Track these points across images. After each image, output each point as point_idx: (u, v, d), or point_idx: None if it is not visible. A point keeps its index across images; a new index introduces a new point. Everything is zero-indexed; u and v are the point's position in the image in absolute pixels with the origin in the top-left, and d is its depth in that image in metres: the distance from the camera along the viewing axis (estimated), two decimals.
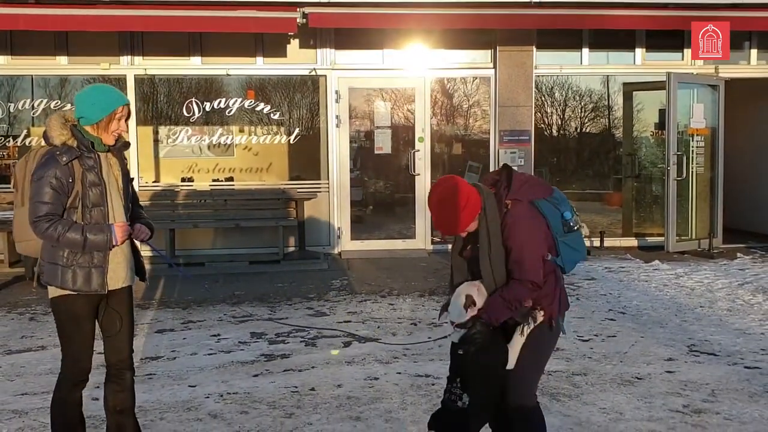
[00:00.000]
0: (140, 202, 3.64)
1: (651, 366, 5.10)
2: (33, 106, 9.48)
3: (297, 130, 9.87)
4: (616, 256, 9.38)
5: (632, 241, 10.18)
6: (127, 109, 3.29)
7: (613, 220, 10.76)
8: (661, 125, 10.40)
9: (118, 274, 3.31)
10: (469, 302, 2.98)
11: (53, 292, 3.28)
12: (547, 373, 4.91)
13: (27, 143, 9.51)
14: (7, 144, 9.68)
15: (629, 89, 10.57)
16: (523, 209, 2.97)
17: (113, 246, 3.22)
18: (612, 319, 6.39)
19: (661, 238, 9.60)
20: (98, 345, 3.41)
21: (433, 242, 9.80)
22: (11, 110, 9.51)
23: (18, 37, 9.20)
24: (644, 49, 10.00)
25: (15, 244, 3.48)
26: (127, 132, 3.39)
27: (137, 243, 3.48)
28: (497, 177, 3.09)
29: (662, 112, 10.13)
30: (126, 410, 3.45)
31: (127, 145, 3.41)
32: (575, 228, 3.07)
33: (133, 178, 3.57)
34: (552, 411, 4.29)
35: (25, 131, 9.53)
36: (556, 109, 10.91)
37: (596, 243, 9.88)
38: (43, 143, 3.32)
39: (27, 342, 5.85)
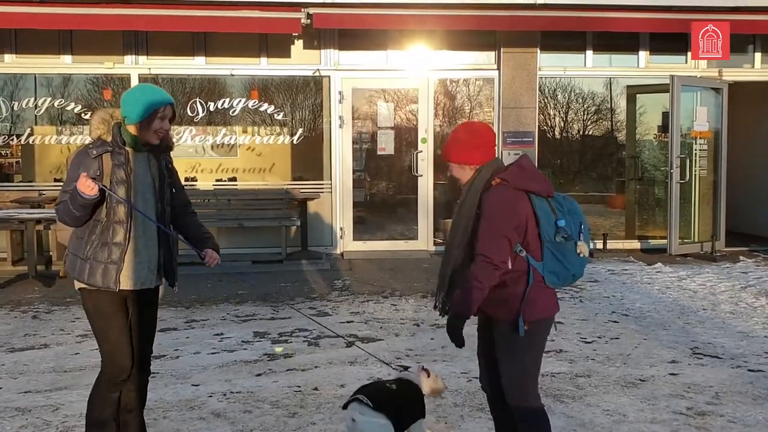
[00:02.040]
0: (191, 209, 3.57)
1: (654, 368, 5.09)
2: (36, 105, 9.49)
3: (300, 131, 9.88)
4: (619, 258, 9.38)
5: (635, 244, 10.17)
6: (170, 109, 3.24)
7: (615, 223, 10.76)
8: (664, 128, 10.39)
9: (136, 274, 3.26)
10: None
11: (76, 284, 3.29)
12: (550, 375, 4.92)
13: (30, 142, 9.52)
14: (10, 143, 9.69)
15: (633, 92, 10.57)
16: (504, 191, 2.95)
17: (83, 197, 3.05)
18: (615, 321, 6.39)
19: (664, 241, 9.60)
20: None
21: (435, 243, 9.80)
22: (15, 109, 9.51)
23: (22, 35, 9.21)
24: (648, 52, 10.00)
25: (57, 233, 3.52)
26: (169, 132, 3.33)
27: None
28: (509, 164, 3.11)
29: (665, 115, 10.11)
30: (134, 410, 3.45)
31: (168, 148, 3.37)
32: (569, 239, 2.97)
33: (174, 183, 3.46)
34: (555, 412, 4.28)
35: (28, 130, 9.53)
36: (559, 111, 10.92)
37: (599, 245, 9.87)
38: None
39: (30, 340, 5.85)
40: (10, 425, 4.11)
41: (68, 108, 9.50)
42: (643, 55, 10.02)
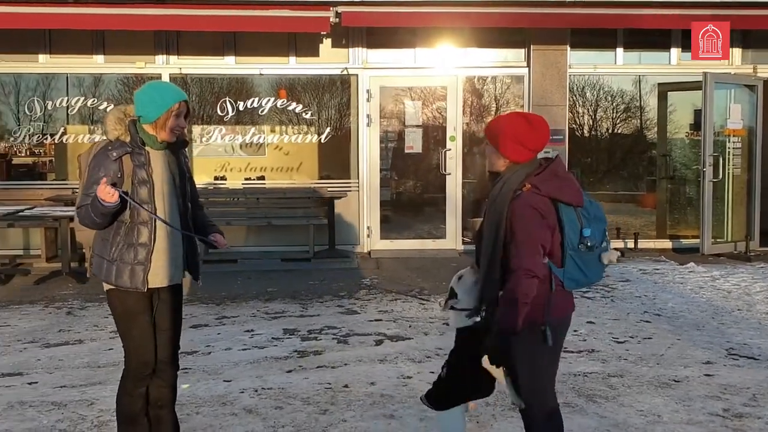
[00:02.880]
0: (199, 203, 3.59)
1: (689, 369, 5.02)
2: (70, 104, 9.63)
3: (327, 130, 9.90)
4: (651, 257, 9.25)
5: (666, 243, 10.02)
6: (184, 106, 3.22)
7: (646, 222, 10.62)
8: (696, 126, 10.24)
9: (162, 273, 3.28)
10: (450, 294, 3.11)
11: (106, 286, 3.31)
12: (582, 374, 4.88)
13: (64, 141, 9.67)
14: (44, 141, 9.85)
15: (664, 89, 10.42)
16: (534, 199, 2.84)
17: (103, 205, 3.05)
18: (647, 321, 6.31)
19: (696, 240, 9.45)
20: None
21: (463, 242, 9.76)
22: (48, 108, 9.67)
23: (56, 35, 9.35)
24: (680, 49, 9.84)
25: (76, 233, 3.54)
26: (185, 129, 3.34)
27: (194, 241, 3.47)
28: (543, 163, 2.98)
29: (698, 113, 9.96)
30: (166, 405, 3.48)
31: (184, 143, 3.39)
32: (593, 249, 2.89)
33: (190, 178, 3.49)
34: (588, 412, 4.25)
35: (61, 129, 9.69)
36: (588, 109, 10.82)
37: (630, 245, 9.75)
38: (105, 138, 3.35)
39: (64, 336, 5.94)
40: (47, 419, 4.18)
41: (100, 107, 9.63)
42: (675, 52, 9.86)
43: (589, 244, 2.86)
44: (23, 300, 7.20)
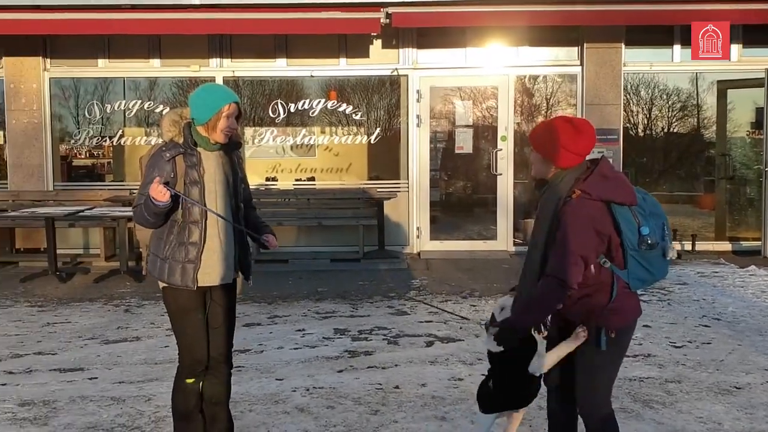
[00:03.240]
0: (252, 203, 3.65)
1: (750, 375, 4.85)
2: (128, 107, 9.89)
3: (377, 130, 9.92)
4: (709, 260, 8.98)
5: (726, 245, 9.71)
6: (235, 107, 3.28)
7: (704, 224, 10.31)
8: (757, 124, 9.89)
9: (214, 271, 3.33)
10: (492, 321, 3.04)
11: (160, 284, 3.40)
12: (638, 379, 4.77)
13: (122, 143, 9.94)
14: (102, 144, 10.14)
15: (723, 87, 10.09)
16: (583, 207, 2.75)
17: (156, 205, 3.13)
18: (706, 326, 6.12)
19: (758, 243, 9.15)
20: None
21: (515, 243, 9.65)
22: (107, 111, 9.95)
23: (114, 40, 9.63)
24: (741, 45, 9.53)
25: (136, 232, 3.65)
26: (238, 130, 3.41)
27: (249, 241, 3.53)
28: (590, 165, 2.90)
29: (759, 111, 9.62)
30: (220, 402, 3.54)
31: (238, 144, 3.45)
32: (654, 246, 2.79)
33: (243, 178, 3.54)
34: (645, 418, 4.14)
35: (119, 132, 9.95)
36: (642, 108, 10.55)
37: (687, 247, 9.48)
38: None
39: (123, 333, 6.10)
40: (107, 413, 4.30)
41: (156, 110, 9.87)
42: (735, 48, 9.54)
43: (649, 242, 2.77)
44: (83, 297, 7.42)
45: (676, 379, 4.80)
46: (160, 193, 3.10)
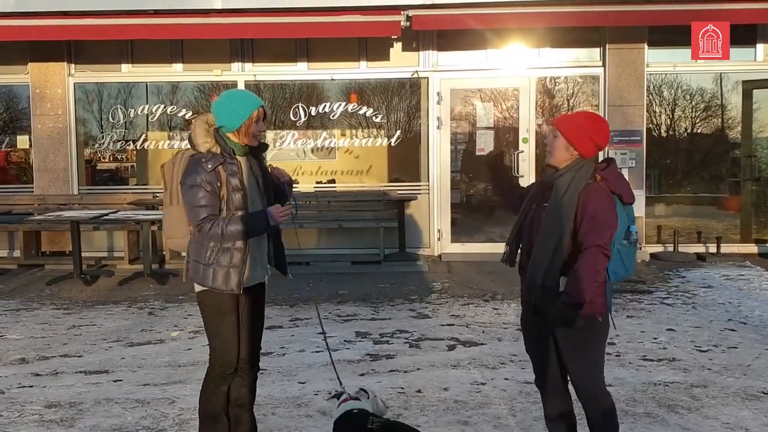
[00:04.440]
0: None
1: None
2: (151, 111, 9.99)
3: (397, 133, 9.92)
4: (734, 263, 8.86)
5: (752, 248, 9.58)
6: (262, 111, 3.37)
7: (729, 226, 10.16)
8: None
9: (252, 273, 3.41)
10: None
11: (197, 287, 3.43)
12: (663, 384, 4.72)
13: (145, 147, 10.04)
14: (126, 148, 10.25)
15: (749, 87, 9.95)
16: (606, 189, 3.06)
17: (272, 226, 3.33)
18: (732, 330, 6.04)
19: None
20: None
21: None
22: (130, 115, 10.06)
23: (137, 45, 9.74)
24: (766, 45, 9.40)
25: (164, 240, 3.66)
26: (265, 132, 3.50)
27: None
28: (602, 164, 3.18)
29: None
30: (245, 405, 3.56)
31: (265, 146, 3.52)
32: (633, 245, 3.10)
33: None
34: (670, 423, 4.10)
35: (142, 136, 10.05)
36: (665, 109, 10.44)
37: (712, 249, 9.36)
38: (188, 146, 3.47)
39: (146, 335, 6.16)
40: (132, 416, 4.34)
41: (179, 114, 9.96)
42: (761, 48, 9.43)
43: (632, 239, 3.09)
44: (108, 300, 7.51)
45: (702, 383, 4.74)
46: (281, 214, 3.31)
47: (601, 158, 3.30)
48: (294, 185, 3.83)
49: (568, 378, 3.27)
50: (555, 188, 3.11)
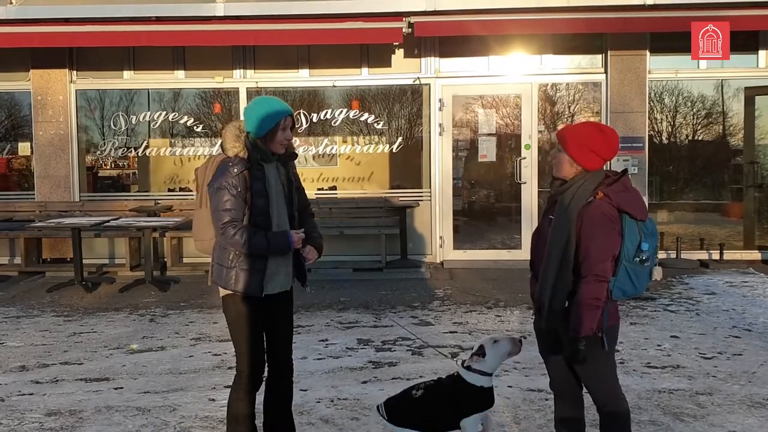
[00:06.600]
0: (309, 210, 3.70)
1: None
2: (152, 118, 9.99)
3: (399, 139, 9.91)
4: (738, 269, 8.82)
5: (755, 254, 9.54)
6: (290, 120, 3.39)
7: (732, 232, 10.13)
8: None
9: (276, 279, 3.42)
10: (478, 351, 3.33)
11: (222, 291, 3.45)
12: (667, 391, 4.68)
13: (146, 154, 10.03)
14: (128, 155, 10.24)
15: (751, 93, 9.94)
16: (606, 207, 2.96)
17: (291, 246, 3.36)
18: (737, 337, 6.00)
19: None
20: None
21: None
22: (132, 122, 10.05)
23: (139, 52, 9.74)
24: None
25: (194, 243, 3.72)
26: (292, 141, 3.50)
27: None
28: (611, 178, 3.09)
29: None
30: (281, 410, 3.59)
31: (293, 155, 3.52)
32: (645, 263, 3.00)
33: (298, 187, 3.61)
34: (675, 431, 4.06)
35: (144, 143, 10.05)
36: (667, 115, 10.42)
37: (715, 256, 9.33)
38: (220, 152, 3.52)
39: (148, 342, 6.13)
40: (132, 424, 4.31)
41: (180, 121, 9.95)
42: (763, 54, 9.43)
43: (644, 258, 2.99)
44: (109, 307, 7.48)
45: (707, 391, 4.70)
46: (298, 241, 3.36)
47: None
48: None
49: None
50: (560, 201, 3.09)
